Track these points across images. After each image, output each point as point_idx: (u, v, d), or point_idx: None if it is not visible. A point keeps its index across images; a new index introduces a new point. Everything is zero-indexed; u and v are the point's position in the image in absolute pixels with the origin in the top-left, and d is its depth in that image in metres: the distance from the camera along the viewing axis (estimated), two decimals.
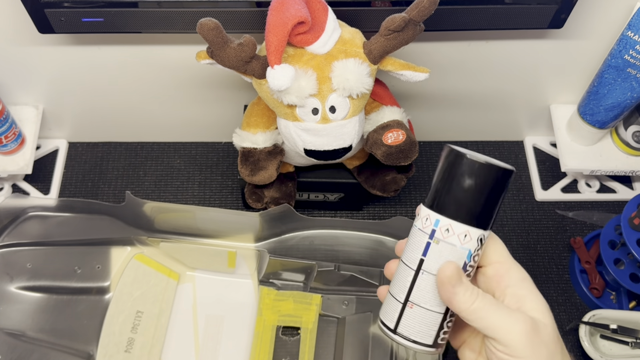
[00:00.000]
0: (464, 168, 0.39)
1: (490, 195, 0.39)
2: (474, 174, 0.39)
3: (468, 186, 0.39)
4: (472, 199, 0.39)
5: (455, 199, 0.40)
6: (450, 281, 0.39)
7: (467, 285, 0.39)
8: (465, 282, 0.39)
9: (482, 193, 0.39)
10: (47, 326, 0.67)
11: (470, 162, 0.39)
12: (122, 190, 0.79)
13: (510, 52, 0.69)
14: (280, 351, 0.66)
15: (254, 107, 0.66)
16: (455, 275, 0.39)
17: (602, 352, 0.66)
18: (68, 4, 0.58)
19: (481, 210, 0.40)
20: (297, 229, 0.71)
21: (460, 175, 0.39)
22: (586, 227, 0.78)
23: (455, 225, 0.40)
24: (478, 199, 0.39)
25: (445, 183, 0.40)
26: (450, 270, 0.39)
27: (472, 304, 0.39)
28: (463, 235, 0.40)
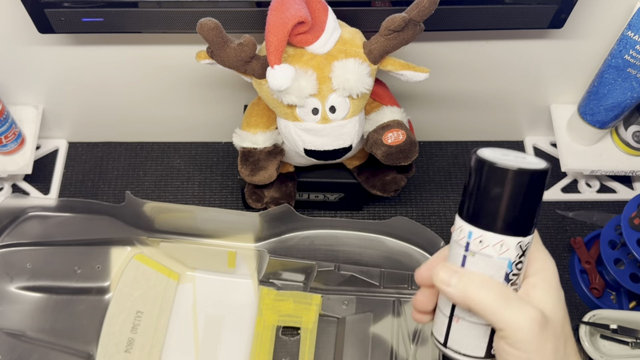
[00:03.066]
0: (491, 177, 0.37)
1: (524, 201, 0.37)
2: (502, 182, 0.36)
3: (497, 195, 0.37)
4: (503, 208, 0.37)
5: (485, 208, 0.37)
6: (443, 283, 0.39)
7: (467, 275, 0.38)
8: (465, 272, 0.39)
9: (514, 200, 0.37)
10: (47, 326, 0.67)
11: (497, 170, 0.36)
12: (122, 190, 0.79)
13: (510, 52, 0.69)
14: (280, 351, 0.66)
15: (254, 107, 0.66)
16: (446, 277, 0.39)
17: (602, 352, 0.66)
18: (68, 4, 0.58)
19: (516, 218, 0.37)
20: (297, 229, 0.71)
21: (488, 184, 0.37)
22: (586, 227, 0.78)
23: (489, 236, 0.37)
24: (510, 206, 0.37)
25: (473, 192, 0.38)
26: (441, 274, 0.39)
27: (476, 296, 0.37)
28: (499, 246, 0.37)
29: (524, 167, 0.36)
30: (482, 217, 0.38)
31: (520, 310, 0.37)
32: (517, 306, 0.37)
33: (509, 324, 0.37)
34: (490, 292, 0.37)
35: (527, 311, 0.37)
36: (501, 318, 0.37)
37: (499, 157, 0.37)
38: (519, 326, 0.36)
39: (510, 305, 0.37)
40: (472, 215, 0.38)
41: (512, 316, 0.37)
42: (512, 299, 0.37)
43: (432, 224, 0.77)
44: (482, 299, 0.37)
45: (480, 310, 0.37)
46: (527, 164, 0.37)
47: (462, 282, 0.38)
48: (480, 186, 0.37)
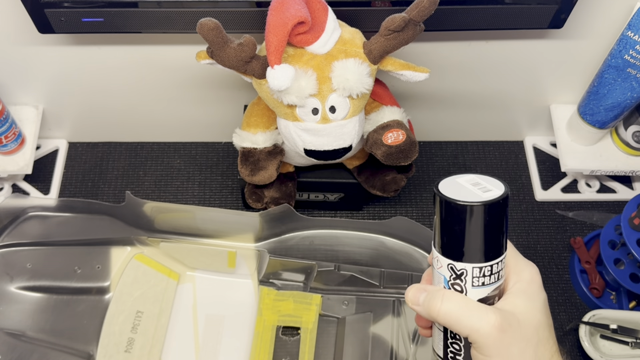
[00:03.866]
0: (437, 206, 0.40)
1: (454, 229, 0.40)
2: (439, 211, 0.40)
3: (438, 222, 0.41)
4: (441, 234, 0.41)
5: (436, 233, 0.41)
6: (413, 302, 0.42)
7: (431, 292, 0.41)
8: (430, 289, 0.41)
9: (446, 228, 0.40)
10: (47, 326, 0.67)
11: (438, 200, 0.40)
12: (122, 190, 0.79)
13: (510, 52, 0.69)
14: (280, 351, 0.66)
15: (254, 107, 0.67)
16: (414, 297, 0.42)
17: (602, 352, 0.66)
18: (68, 4, 0.58)
19: (445, 243, 0.41)
20: (297, 229, 0.71)
21: (436, 212, 0.41)
22: (586, 227, 0.78)
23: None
24: (443, 233, 0.41)
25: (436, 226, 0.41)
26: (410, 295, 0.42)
27: (440, 308, 0.40)
28: (437, 263, 0.41)
29: (455, 199, 0.39)
30: (435, 241, 0.42)
31: (480, 316, 0.38)
32: (478, 313, 0.39)
33: (471, 331, 0.38)
34: (450, 303, 0.39)
35: (486, 317, 0.38)
36: (464, 326, 0.39)
37: (460, 188, 0.40)
38: (479, 332, 0.38)
39: (472, 313, 0.39)
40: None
41: (472, 323, 0.38)
42: (473, 307, 0.39)
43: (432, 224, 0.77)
44: (445, 310, 0.39)
45: (446, 322, 0.40)
46: (471, 196, 0.39)
47: (427, 298, 0.41)
48: (440, 221, 0.41)
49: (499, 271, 0.40)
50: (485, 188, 0.40)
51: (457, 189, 0.40)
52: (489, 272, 0.40)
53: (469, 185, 0.41)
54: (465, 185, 0.41)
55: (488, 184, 0.41)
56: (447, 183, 0.41)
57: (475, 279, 0.40)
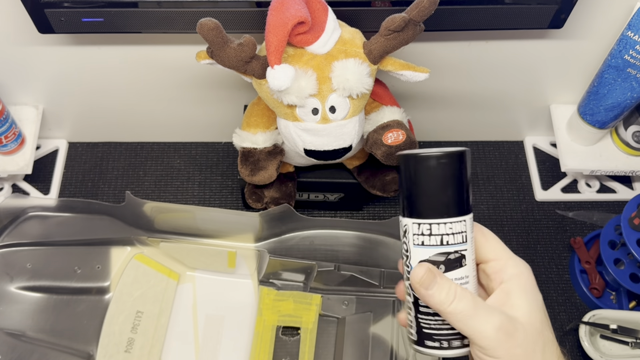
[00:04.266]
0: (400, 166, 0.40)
1: (413, 182, 0.39)
2: (399, 168, 0.39)
3: (406, 181, 0.40)
4: (408, 194, 0.40)
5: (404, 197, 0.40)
6: (422, 284, 0.39)
7: (443, 285, 0.39)
8: (441, 281, 0.39)
9: (408, 183, 0.39)
10: (47, 326, 0.67)
11: (401, 157, 0.39)
12: (122, 190, 0.79)
13: (510, 52, 0.69)
14: (280, 351, 0.66)
15: (254, 107, 0.67)
16: (427, 278, 0.39)
17: (602, 352, 0.66)
18: (68, 4, 0.58)
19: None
20: (297, 229, 0.71)
21: (402, 175, 0.40)
22: (586, 227, 0.78)
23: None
24: (409, 190, 0.40)
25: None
26: (420, 273, 0.39)
27: (449, 306, 0.38)
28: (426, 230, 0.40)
29: (404, 153, 0.39)
30: (405, 206, 0.41)
31: (486, 319, 0.38)
32: (483, 315, 0.38)
33: (474, 333, 0.38)
34: (459, 304, 0.38)
35: (492, 320, 0.38)
36: (468, 327, 0.38)
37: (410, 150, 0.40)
38: (484, 334, 0.38)
39: (478, 314, 0.38)
40: (403, 208, 0.41)
41: (478, 325, 0.38)
42: (479, 308, 0.38)
43: None
44: (452, 310, 0.38)
45: (451, 321, 0.39)
46: (423, 151, 0.38)
47: (437, 290, 0.39)
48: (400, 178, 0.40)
49: (442, 234, 0.39)
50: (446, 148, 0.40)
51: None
52: (428, 232, 0.39)
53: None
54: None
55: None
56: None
57: (415, 236, 0.40)
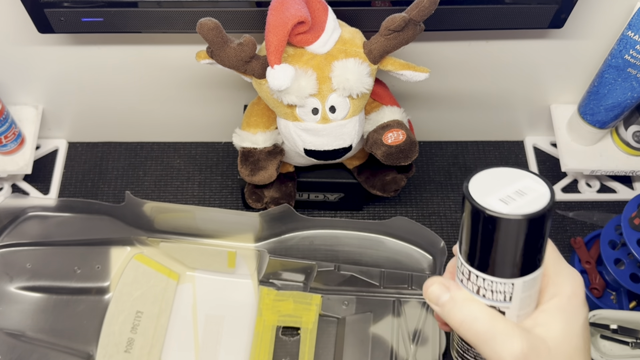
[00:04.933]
0: (470, 218, 0.35)
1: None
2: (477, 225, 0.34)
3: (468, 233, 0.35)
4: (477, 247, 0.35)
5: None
6: (433, 301, 0.38)
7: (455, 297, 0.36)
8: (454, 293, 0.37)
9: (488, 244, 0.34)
10: (47, 326, 0.67)
11: (467, 205, 0.34)
12: (122, 190, 0.79)
13: (510, 52, 0.69)
14: (280, 351, 0.66)
15: (254, 107, 0.66)
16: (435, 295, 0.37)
17: (602, 352, 0.66)
18: (68, 4, 0.58)
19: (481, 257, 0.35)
20: (297, 229, 0.71)
21: (467, 224, 0.35)
22: (586, 227, 0.78)
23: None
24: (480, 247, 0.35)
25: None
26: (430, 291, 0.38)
27: (462, 321, 0.36)
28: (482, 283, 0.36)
29: (476, 203, 0.33)
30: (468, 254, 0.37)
31: (503, 342, 0.35)
32: (502, 337, 0.35)
33: (491, 355, 0.35)
34: (474, 320, 0.36)
35: (510, 343, 0.34)
36: (485, 348, 0.35)
37: (490, 190, 0.34)
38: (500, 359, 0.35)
39: (495, 335, 0.35)
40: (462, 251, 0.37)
41: (494, 348, 0.35)
42: (498, 328, 0.35)
43: (432, 224, 0.77)
44: (467, 326, 0.36)
45: (466, 338, 0.36)
46: (497, 200, 0.33)
47: (449, 303, 0.37)
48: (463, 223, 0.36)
49: (502, 291, 0.36)
50: (522, 192, 0.34)
51: (490, 184, 0.35)
52: (489, 287, 0.36)
53: (505, 183, 0.35)
54: (500, 182, 0.35)
55: (531, 184, 0.34)
56: (482, 177, 0.35)
57: (474, 285, 0.37)
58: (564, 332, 0.35)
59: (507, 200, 0.33)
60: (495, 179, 0.35)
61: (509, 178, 0.35)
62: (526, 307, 0.37)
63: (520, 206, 0.33)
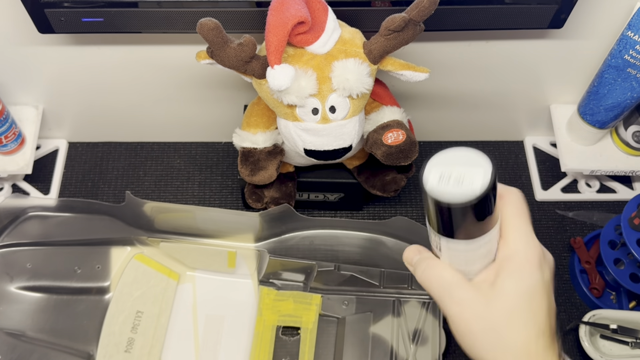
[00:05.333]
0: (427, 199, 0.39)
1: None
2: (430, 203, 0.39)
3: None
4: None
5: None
6: (407, 262, 0.45)
7: (422, 258, 0.43)
8: (422, 255, 0.43)
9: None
10: (47, 326, 0.67)
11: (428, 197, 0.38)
12: (122, 190, 0.79)
13: (510, 52, 0.69)
14: (280, 351, 0.66)
15: (254, 107, 0.66)
16: (409, 257, 0.45)
17: (602, 352, 0.66)
18: (68, 4, 0.58)
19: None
20: (297, 229, 0.71)
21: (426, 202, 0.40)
22: (586, 227, 0.78)
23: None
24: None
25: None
26: (406, 254, 0.45)
27: (422, 273, 0.43)
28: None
29: (434, 195, 0.38)
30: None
31: (446, 291, 0.41)
32: (448, 287, 0.41)
33: (438, 302, 0.42)
34: (430, 276, 0.42)
35: (450, 293, 0.41)
36: (434, 296, 0.42)
37: (442, 173, 0.38)
38: (449, 313, 0.41)
39: (443, 285, 0.41)
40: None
41: (439, 296, 0.42)
42: (446, 280, 0.41)
43: None
44: (423, 280, 0.43)
45: (428, 290, 0.43)
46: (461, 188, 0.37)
47: (417, 262, 0.44)
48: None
49: (436, 245, 0.42)
50: (464, 175, 0.38)
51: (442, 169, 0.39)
52: (433, 242, 0.42)
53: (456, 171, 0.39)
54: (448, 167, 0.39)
55: (470, 166, 0.38)
56: (435, 163, 0.39)
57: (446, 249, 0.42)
58: (505, 290, 0.40)
59: (447, 179, 0.38)
60: (449, 159, 0.39)
61: (463, 160, 0.39)
62: (470, 265, 0.42)
63: (456, 187, 0.38)
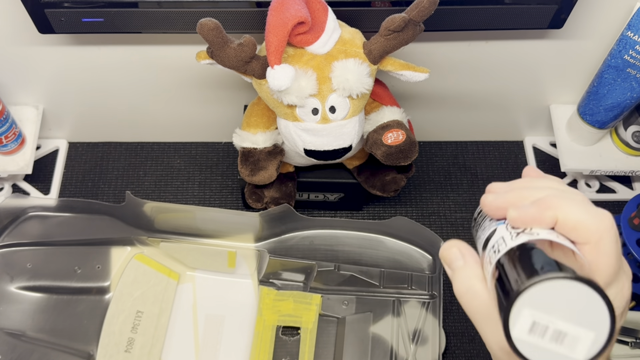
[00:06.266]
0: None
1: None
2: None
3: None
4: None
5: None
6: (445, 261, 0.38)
7: (468, 270, 0.36)
8: (468, 266, 0.36)
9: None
10: (47, 326, 0.67)
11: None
12: (122, 190, 0.79)
13: (510, 52, 0.69)
14: (280, 351, 0.66)
15: (254, 107, 0.67)
16: (451, 257, 0.37)
17: None
18: (68, 4, 0.58)
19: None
20: (297, 229, 0.71)
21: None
22: None
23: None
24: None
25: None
26: (448, 251, 0.37)
27: (465, 293, 0.36)
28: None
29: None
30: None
31: (496, 328, 0.34)
32: (496, 324, 0.34)
33: (484, 336, 0.36)
34: (475, 300, 0.35)
35: (499, 339, 0.34)
36: (479, 328, 0.36)
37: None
38: (489, 345, 0.35)
39: (490, 319, 0.35)
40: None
41: (486, 332, 0.35)
42: (494, 315, 0.34)
43: (432, 224, 0.77)
44: (468, 301, 0.36)
45: (466, 310, 0.37)
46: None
47: (459, 271, 0.36)
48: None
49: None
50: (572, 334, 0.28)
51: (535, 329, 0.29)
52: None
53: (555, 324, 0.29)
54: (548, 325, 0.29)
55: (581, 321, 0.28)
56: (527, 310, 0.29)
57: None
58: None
59: (542, 332, 0.29)
60: (555, 298, 0.29)
61: (571, 304, 0.29)
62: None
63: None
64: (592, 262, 0.33)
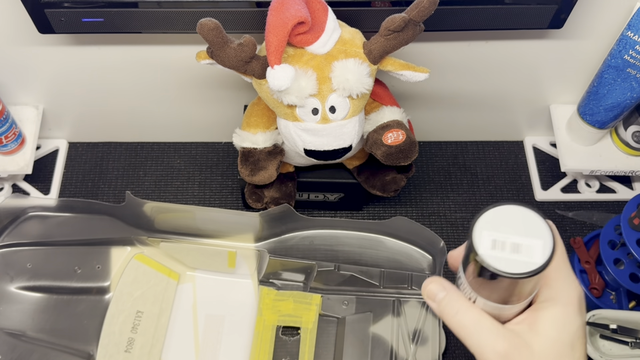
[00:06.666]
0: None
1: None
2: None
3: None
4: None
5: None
6: (430, 298, 0.40)
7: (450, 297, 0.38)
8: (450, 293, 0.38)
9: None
10: (47, 326, 0.67)
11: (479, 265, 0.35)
12: (122, 190, 0.79)
13: (510, 52, 0.69)
14: (280, 351, 0.66)
15: (254, 107, 0.67)
16: (432, 293, 0.39)
17: (602, 352, 0.66)
18: (68, 4, 0.58)
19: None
20: (297, 229, 0.71)
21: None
22: (586, 227, 0.78)
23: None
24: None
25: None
26: (428, 289, 0.40)
27: (452, 318, 0.38)
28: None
29: (492, 266, 0.34)
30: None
31: (487, 341, 0.37)
32: (486, 337, 0.37)
33: (476, 351, 0.37)
34: (464, 319, 0.38)
35: (493, 344, 0.36)
36: (471, 344, 0.37)
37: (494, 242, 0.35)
38: (483, 356, 0.37)
39: (480, 335, 0.37)
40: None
41: (479, 345, 0.37)
42: (484, 327, 0.37)
43: (432, 224, 0.77)
44: (457, 323, 0.38)
45: (456, 333, 0.38)
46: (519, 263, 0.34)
47: (444, 301, 0.39)
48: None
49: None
50: (522, 246, 0.34)
51: (494, 233, 0.35)
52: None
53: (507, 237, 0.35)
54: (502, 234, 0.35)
55: (527, 236, 0.34)
56: (485, 222, 0.35)
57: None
58: (550, 337, 0.36)
59: (501, 246, 0.35)
60: (502, 219, 0.35)
61: (517, 222, 0.35)
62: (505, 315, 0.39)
63: (516, 259, 0.34)
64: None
